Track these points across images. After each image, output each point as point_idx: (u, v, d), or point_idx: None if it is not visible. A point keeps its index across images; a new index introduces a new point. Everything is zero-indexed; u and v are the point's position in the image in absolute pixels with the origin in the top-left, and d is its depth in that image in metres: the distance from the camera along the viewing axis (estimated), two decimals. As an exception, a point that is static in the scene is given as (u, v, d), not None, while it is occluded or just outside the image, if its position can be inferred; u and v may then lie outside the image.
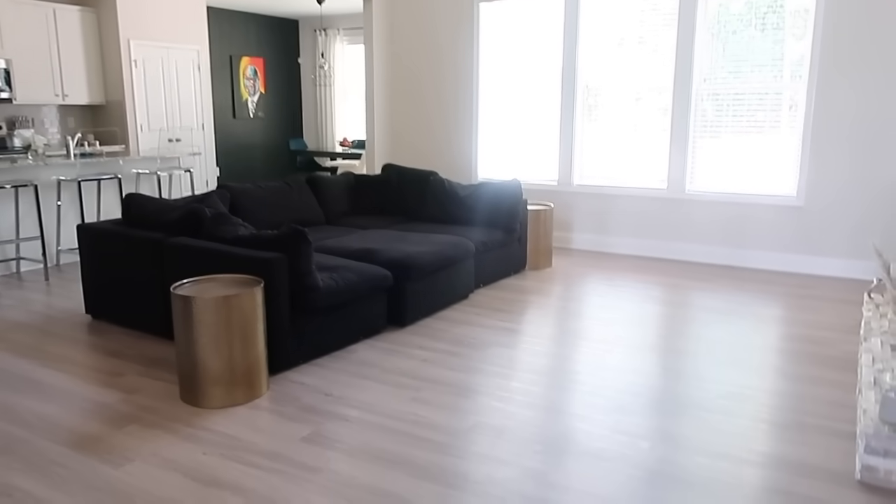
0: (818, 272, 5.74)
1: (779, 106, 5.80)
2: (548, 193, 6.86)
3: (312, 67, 10.67)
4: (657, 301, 4.98)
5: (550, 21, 6.68)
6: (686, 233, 6.27)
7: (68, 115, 7.80)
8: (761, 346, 4.06)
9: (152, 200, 4.38)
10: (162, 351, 3.91)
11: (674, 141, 6.19)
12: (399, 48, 7.61)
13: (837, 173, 5.58)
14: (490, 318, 4.55)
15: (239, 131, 10.04)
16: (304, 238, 3.53)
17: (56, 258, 6.03)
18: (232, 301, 3.09)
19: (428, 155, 7.57)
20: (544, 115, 6.88)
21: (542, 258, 5.93)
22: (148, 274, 4.07)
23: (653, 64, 6.30)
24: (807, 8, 5.53)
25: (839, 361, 3.76)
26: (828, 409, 3.16)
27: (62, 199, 6.00)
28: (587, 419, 3.06)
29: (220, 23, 9.47)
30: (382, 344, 4.03)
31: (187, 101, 8.39)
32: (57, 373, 3.59)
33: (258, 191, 5.22)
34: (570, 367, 3.69)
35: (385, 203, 5.96)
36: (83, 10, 7.51)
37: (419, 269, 4.32)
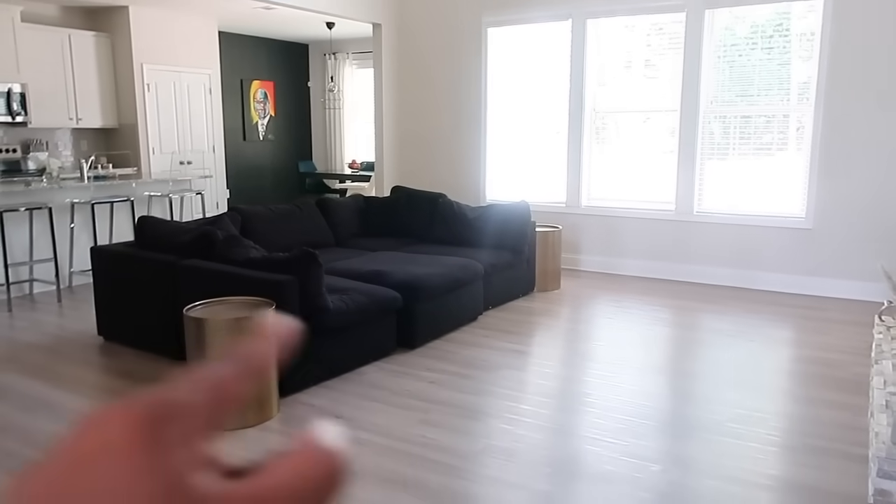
0: (827, 294, 5.72)
1: (786, 128, 5.83)
2: (556, 215, 6.89)
3: (322, 91, 10.79)
4: (666, 323, 4.98)
5: (558, 44, 6.76)
6: (694, 254, 6.28)
7: (82, 138, 7.91)
8: (771, 369, 4.05)
9: (164, 223, 4.43)
10: (174, 372, 3.93)
11: (681, 163, 6.22)
12: (407, 72, 7.70)
13: (846, 195, 5.59)
14: (499, 339, 4.56)
15: (249, 154, 10.14)
16: (314, 260, 3.56)
17: (69, 280, 6.08)
18: (244, 323, 3.12)
19: (436, 177, 7.63)
20: (552, 137, 6.93)
21: (550, 280, 5.94)
22: (160, 296, 4.11)
23: (660, 86, 6.35)
24: (813, 31, 5.58)
25: (850, 384, 3.75)
26: (839, 433, 3.14)
27: (75, 221, 6.07)
28: (597, 442, 3.06)
29: (231, 47, 9.61)
30: (392, 366, 4.04)
31: (199, 125, 8.50)
32: (69, 393, 3.61)
33: (269, 213, 5.27)
34: (579, 390, 3.69)
35: (394, 225, 6.00)
36: (98, 36, 7.65)
37: (428, 291, 4.34)
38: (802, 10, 5.63)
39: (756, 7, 5.76)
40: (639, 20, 6.32)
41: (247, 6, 7.36)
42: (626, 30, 6.44)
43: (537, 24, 6.81)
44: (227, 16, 8.22)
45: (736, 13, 5.89)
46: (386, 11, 7.47)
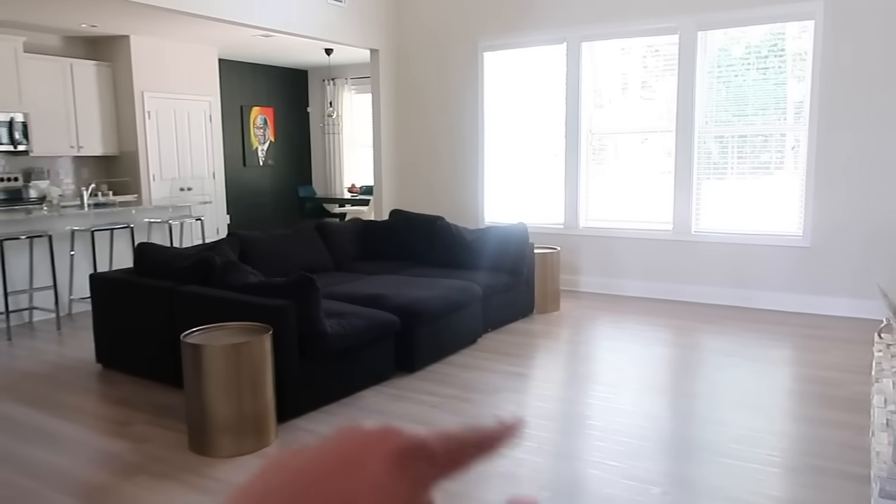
0: (826, 312, 5.71)
1: (783, 147, 5.86)
2: (554, 237, 6.90)
3: (321, 116, 10.88)
4: (666, 343, 4.97)
5: (554, 67, 6.82)
6: (693, 274, 6.28)
7: (83, 166, 7.97)
8: (771, 388, 4.03)
9: (164, 249, 4.45)
10: (171, 399, 3.92)
11: (678, 182, 6.25)
12: (405, 96, 7.77)
13: (843, 214, 5.60)
14: (499, 362, 4.54)
15: (249, 179, 10.20)
16: (312, 285, 3.57)
17: (68, 307, 6.09)
18: (241, 349, 3.11)
19: (435, 200, 7.66)
20: (550, 159, 6.97)
21: (549, 301, 5.94)
22: (159, 322, 4.11)
23: (657, 107, 6.40)
24: (806, 51, 5.63)
25: (850, 403, 3.73)
26: (840, 452, 3.12)
27: (75, 248, 6.09)
28: (597, 464, 3.04)
29: (231, 74, 9.71)
30: (391, 390, 4.03)
31: (199, 151, 8.56)
32: (67, 422, 3.60)
33: (267, 238, 5.29)
34: (579, 412, 3.67)
35: (393, 248, 6.02)
36: (99, 65, 7.74)
37: (427, 314, 4.34)
38: (796, 30, 5.69)
39: (750, 28, 5.83)
40: (634, 42, 6.39)
41: (246, 34, 7.45)
42: (622, 52, 6.51)
43: (533, 48, 6.89)
44: (227, 44, 8.32)
45: (730, 34, 5.95)
46: (383, 38, 7.56)
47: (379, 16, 7.47)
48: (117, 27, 7.18)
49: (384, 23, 7.55)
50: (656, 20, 6.16)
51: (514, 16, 6.90)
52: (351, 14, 7.11)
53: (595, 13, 6.46)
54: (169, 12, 5.60)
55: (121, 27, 7.18)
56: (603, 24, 6.42)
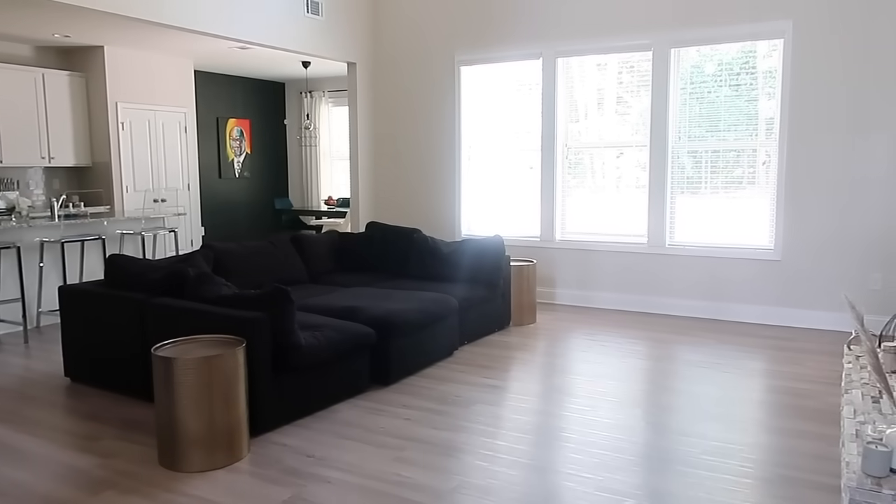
0: (798, 324, 5.79)
1: (754, 162, 5.96)
2: (530, 249, 6.93)
3: (298, 128, 10.85)
4: (641, 356, 5.00)
5: (530, 81, 6.88)
6: (667, 287, 6.34)
7: (54, 176, 7.84)
8: (744, 400, 4.06)
9: (135, 261, 4.38)
10: (140, 413, 3.85)
11: (652, 196, 6.32)
12: (382, 110, 7.77)
13: (812, 227, 5.70)
14: (474, 375, 4.53)
15: (224, 191, 10.11)
16: (286, 297, 3.53)
17: (36, 320, 5.96)
18: (213, 362, 3.07)
19: (412, 213, 7.66)
20: (526, 172, 7.01)
21: (525, 314, 5.95)
22: (129, 335, 4.04)
23: (631, 122, 6.48)
24: (776, 69, 5.75)
25: (822, 414, 3.77)
26: (812, 463, 3.15)
27: (45, 260, 5.98)
28: (572, 477, 3.03)
29: (207, 86, 9.65)
30: (366, 403, 3.99)
31: (173, 162, 8.47)
32: (32, 437, 3.51)
33: (242, 250, 5.24)
34: (555, 424, 3.67)
35: (369, 261, 5.99)
36: (72, 75, 7.65)
37: (402, 326, 4.32)
38: (766, 48, 5.81)
39: (722, 46, 5.94)
40: (609, 58, 6.47)
41: (223, 46, 7.41)
42: (598, 68, 6.58)
43: (509, 62, 6.95)
44: (203, 55, 8.27)
45: (703, 52, 6.06)
46: (360, 51, 7.57)
47: (356, 29, 7.48)
48: (91, 37, 7.10)
49: (361, 36, 7.56)
50: (630, 37, 6.25)
51: (491, 31, 6.96)
52: (328, 27, 7.11)
53: (570, 29, 6.53)
54: (144, 23, 5.55)
55: (95, 38, 7.11)
56: (578, 40, 6.50)
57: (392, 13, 7.57)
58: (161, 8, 5.48)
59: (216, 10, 5.92)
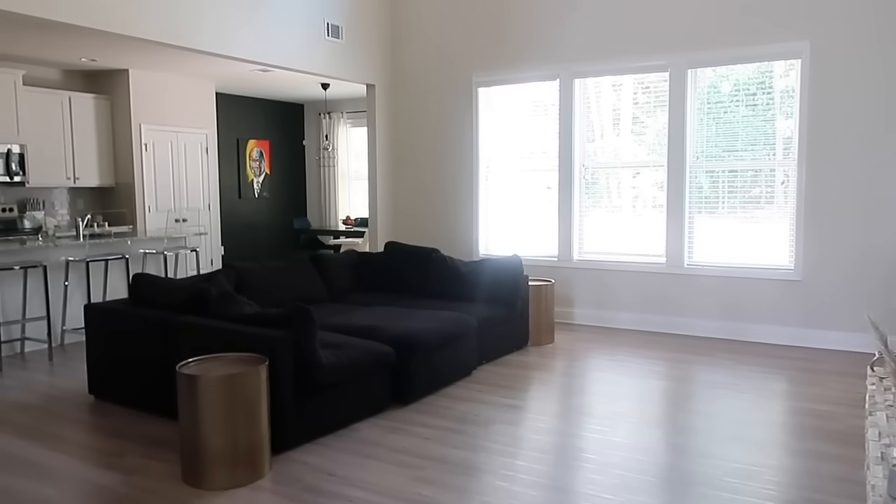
0: (819, 345, 5.74)
1: (773, 182, 5.95)
2: (548, 269, 6.94)
3: (317, 149, 10.98)
4: (660, 376, 4.97)
5: (547, 102, 6.94)
6: (686, 307, 6.31)
7: (78, 196, 7.99)
8: (766, 422, 4.03)
9: (159, 280, 4.45)
10: (164, 431, 3.89)
11: (670, 216, 6.32)
12: (400, 130, 7.86)
13: (832, 247, 5.67)
14: (493, 394, 4.53)
15: (244, 211, 10.24)
16: (308, 316, 3.57)
17: (61, 338, 6.05)
18: (236, 380, 3.11)
19: (430, 232, 7.70)
20: (543, 192, 7.04)
21: (544, 334, 5.95)
22: (153, 353, 4.10)
23: (648, 142, 6.50)
24: (794, 88, 5.76)
25: (845, 436, 3.73)
26: (835, 486, 3.12)
27: (70, 279, 6.08)
28: (592, 498, 3.02)
29: (228, 108, 9.81)
30: (386, 422, 4.01)
31: (194, 183, 8.61)
32: (57, 454, 3.56)
33: (263, 270, 5.30)
34: (574, 445, 3.66)
35: (388, 280, 6.03)
36: (97, 98, 7.82)
37: (422, 345, 4.34)
38: (783, 68, 5.82)
39: (738, 66, 5.96)
40: (625, 79, 6.52)
41: (244, 69, 7.56)
42: (614, 88, 6.63)
43: (526, 83, 7.01)
44: (225, 78, 8.42)
45: (719, 72, 6.08)
46: (379, 73, 7.68)
47: (375, 51, 7.60)
48: (117, 61, 7.27)
49: (380, 58, 7.68)
50: (647, 58, 6.29)
51: (508, 52, 7.04)
52: (348, 50, 7.23)
53: (587, 51, 6.59)
54: (168, 47, 5.68)
55: (120, 61, 7.28)
56: (595, 61, 6.55)
57: (410, 35, 7.68)
58: (185, 33, 5.61)
59: (239, 35, 6.05)
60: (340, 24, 7.09)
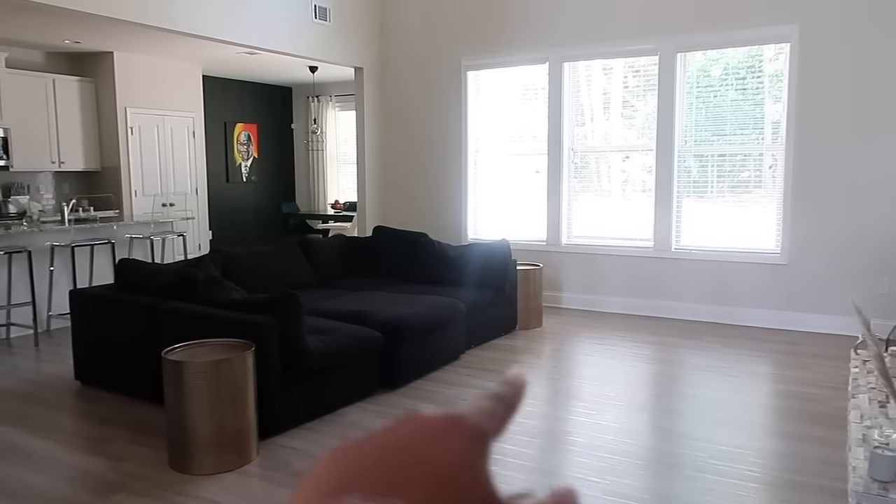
0: (805, 328, 5.79)
1: (761, 166, 5.96)
2: (537, 253, 6.95)
3: (305, 133, 10.90)
4: (647, 359, 5.00)
5: (537, 85, 6.91)
6: (674, 290, 6.34)
7: (64, 181, 7.91)
8: (751, 404, 4.07)
9: (145, 265, 4.42)
10: (151, 416, 3.88)
11: (659, 200, 6.32)
12: (389, 114, 7.81)
13: (819, 231, 5.70)
14: (481, 378, 4.55)
15: (232, 195, 10.17)
16: (295, 301, 3.56)
17: (46, 324, 6.02)
18: (223, 365, 3.10)
19: (418, 217, 7.68)
20: (532, 176, 7.03)
21: (532, 318, 5.96)
22: (140, 339, 4.08)
23: (638, 125, 6.50)
24: (783, 72, 5.76)
25: (828, 418, 3.78)
26: (819, 468, 3.16)
27: (55, 264, 6.03)
28: (580, 481, 3.05)
29: (215, 91, 9.71)
30: (374, 406, 4.02)
31: (181, 167, 8.53)
32: (44, 440, 3.55)
33: (250, 255, 5.28)
34: (562, 428, 3.69)
35: (376, 265, 6.02)
36: (82, 81, 7.71)
37: (410, 330, 4.34)
38: (772, 52, 5.81)
39: (728, 50, 5.95)
40: (615, 62, 6.49)
41: (231, 51, 7.46)
42: (604, 72, 6.60)
43: (515, 67, 6.97)
44: (211, 60, 8.33)
45: (709, 55, 6.07)
46: (367, 56, 7.61)
47: (363, 34, 7.53)
48: (101, 43, 7.17)
49: (368, 41, 7.61)
50: (637, 42, 6.27)
51: (497, 36, 6.99)
52: (336, 32, 7.16)
53: (577, 34, 6.56)
54: (153, 29, 5.61)
55: (105, 43, 7.17)
56: (585, 44, 6.52)
57: (399, 18, 7.61)
58: (171, 14, 5.54)
59: (226, 17, 5.97)
60: (328, 6, 7.01)
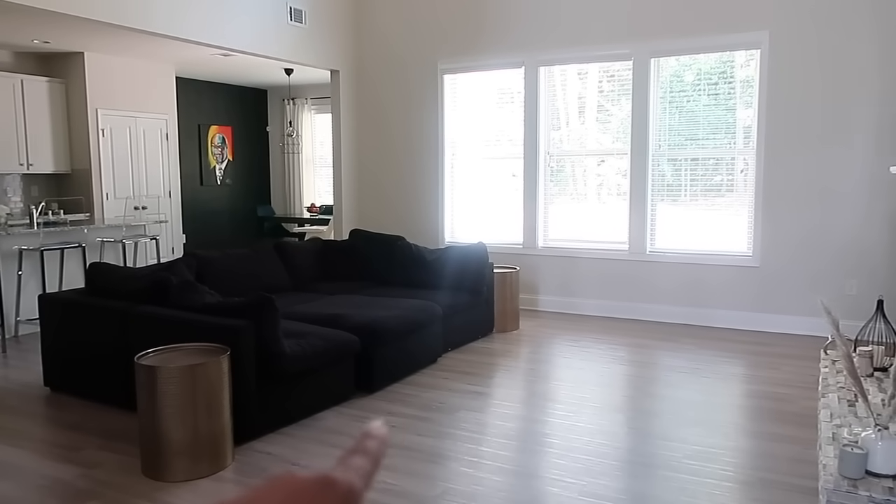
0: (776, 329, 5.88)
1: (733, 170, 6.05)
2: (513, 256, 6.97)
3: (280, 135, 10.83)
4: (623, 361, 5.05)
5: (512, 90, 6.94)
6: (648, 293, 6.40)
7: (32, 183, 7.76)
8: (724, 405, 4.12)
9: (117, 269, 4.35)
10: (123, 423, 3.82)
11: (633, 203, 6.39)
12: (365, 117, 7.79)
13: (789, 234, 5.80)
14: (459, 381, 4.55)
15: (206, 198, 10.06)
16: (270, 305, 3.54)
17: (15, 329, 5.89)
18: (197, 370, 3.06)
19: (395, 220, 7.67)
20: (509, 180, 7.06)
21: (509, 321, 5.98)
22: (112, 344, 4.01)
23: (612, 130, 6.56)
24: (754, 78, 5.85)
25: (799, 417, 3.84)
26: (790, 466, 3.21)
27: (23, 268, 5.91)
28: (556, 482, 3.06)
29: (188, 92, 9.60)
30: (350, 410, 4.00)
31: (154, 170, 8.42)
32: (12, 448, 3.47)
33: (225, 258, 5.22)
34: (539, 430, 3.70)
35: (353, 268, 6.00)
36: (51, 81, 7.58)
37: (386, 333, 4.33)
38: (744, 58, 5.91)
39: (701, 55, 6.04)
40: (590, 67, 6.55)
41: (205, 53, 7.39)
42: (579, 76, 6.66)
43: (492, 70, 7.00)
44: (185, 61, 8.23)
45: (682, 61, 6.15)
46: (343, 58, 7.59)
47: (339, 37, 7.50)
48: (71, 43, 7.05)
49: (344, 44, 7.59)
50: (611, 47, 6.33)
51: (473, 39, 7.01)
52: (311, 35, 7.12)
53: (552, 38, 6.60)
54: (125, 30, 5.53)
55: (75, 43, 7.06)
56: (560, 49, 6.57)
57: (375, 21, 7.60)
58: (144, 15, 5.47)
59: (200, 18, 5.91)
60: (304, 8, 6.98)
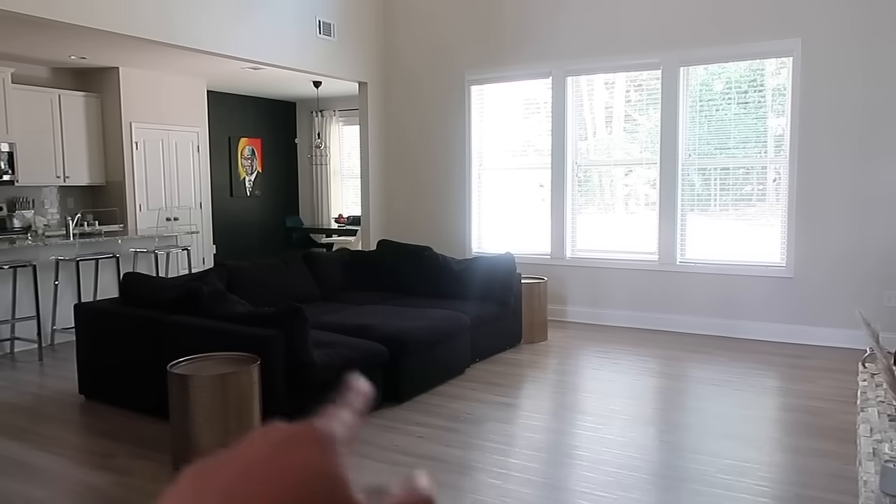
0: (811, 342, 5.76)
1: (764, 179, 5.96)
2: (541, 267, 6.94)
3: (309, 147, 10.94)
4: (653, 373, 4.98)
5: (539, 100, 6.94)
6: (679, 304, 6.32)
7: (68, 195, 7.94)
8: (758, 418, 4.04)
9: (150, 279, 4.43)
10: (156, 431, 3.87)
11: (663, 213, 6.32)
12: (393, 128, 7.84)
13: (824, 244, 5.69)
14: (487, 392, 4.53)
15: (236, 209, 10.19)
16: (300, 314, 3.56)
17: (51, 338, 6.01)
18: (228, 379, 3.09)
19: (422, 230, 7.69)
20: (536, 190, 7.04)
21: (537, 331, 5.95)
22: (144, 352, 4.07)
23: (641, 139, 6.51)
24: (785, 86, 5.77)
25: (837, 432, 3.75)
26: (827, 482, 3.13)
27: (59, 278, 6.04)
28: (586, 496, 3.02)
29: (219, 105, 9.77)
30: (378, 420, 4.00)
31: (186, 181, 8.56)
32: (48, 455, 3.54)
33: (255, 268, 5.28)
34: (568, 442, 3.66)
35: (380, 278, 6.02)
36: (87, 96, 7.76)
37: (415, 344, 4.33)
38: (775, 66, 5.84)
39: (730, 64, 5.97)
40: (618, 77, 6.52)
41: (235, 66, 7.51)
42: (606, 86, 6.63)
43: (519, 81, 7.01)
44: (216, 75, 8.38)
45: (711, 70, 6.09)
46: (371, 70, 7.66)
47: (367, 49, 7.57)
48: (107, 59, 7.22)
49: (372, 56, 7.66)
50: (639, 56, 6.30)
51: (501, 50, 7.03)
52: (340, 48, 7.20)
53: (580, 48, 6.59)
54: (159, 45, 5.65)
55: (110, 59, 7.22)
56: (588, 58, 6.55)
57: (403, 33, 7.66)
58: (176, 30, 5.58)
59: (231, 33, 6.02)
60: (332, 21, 7.06)
